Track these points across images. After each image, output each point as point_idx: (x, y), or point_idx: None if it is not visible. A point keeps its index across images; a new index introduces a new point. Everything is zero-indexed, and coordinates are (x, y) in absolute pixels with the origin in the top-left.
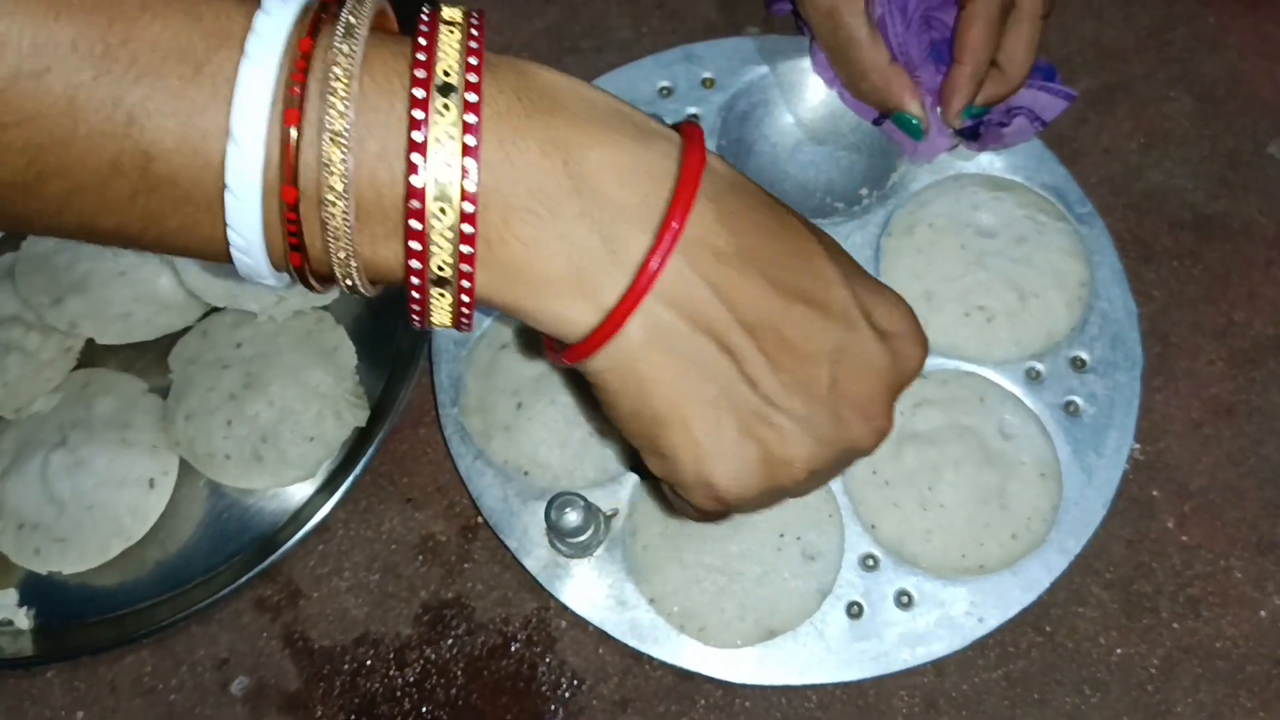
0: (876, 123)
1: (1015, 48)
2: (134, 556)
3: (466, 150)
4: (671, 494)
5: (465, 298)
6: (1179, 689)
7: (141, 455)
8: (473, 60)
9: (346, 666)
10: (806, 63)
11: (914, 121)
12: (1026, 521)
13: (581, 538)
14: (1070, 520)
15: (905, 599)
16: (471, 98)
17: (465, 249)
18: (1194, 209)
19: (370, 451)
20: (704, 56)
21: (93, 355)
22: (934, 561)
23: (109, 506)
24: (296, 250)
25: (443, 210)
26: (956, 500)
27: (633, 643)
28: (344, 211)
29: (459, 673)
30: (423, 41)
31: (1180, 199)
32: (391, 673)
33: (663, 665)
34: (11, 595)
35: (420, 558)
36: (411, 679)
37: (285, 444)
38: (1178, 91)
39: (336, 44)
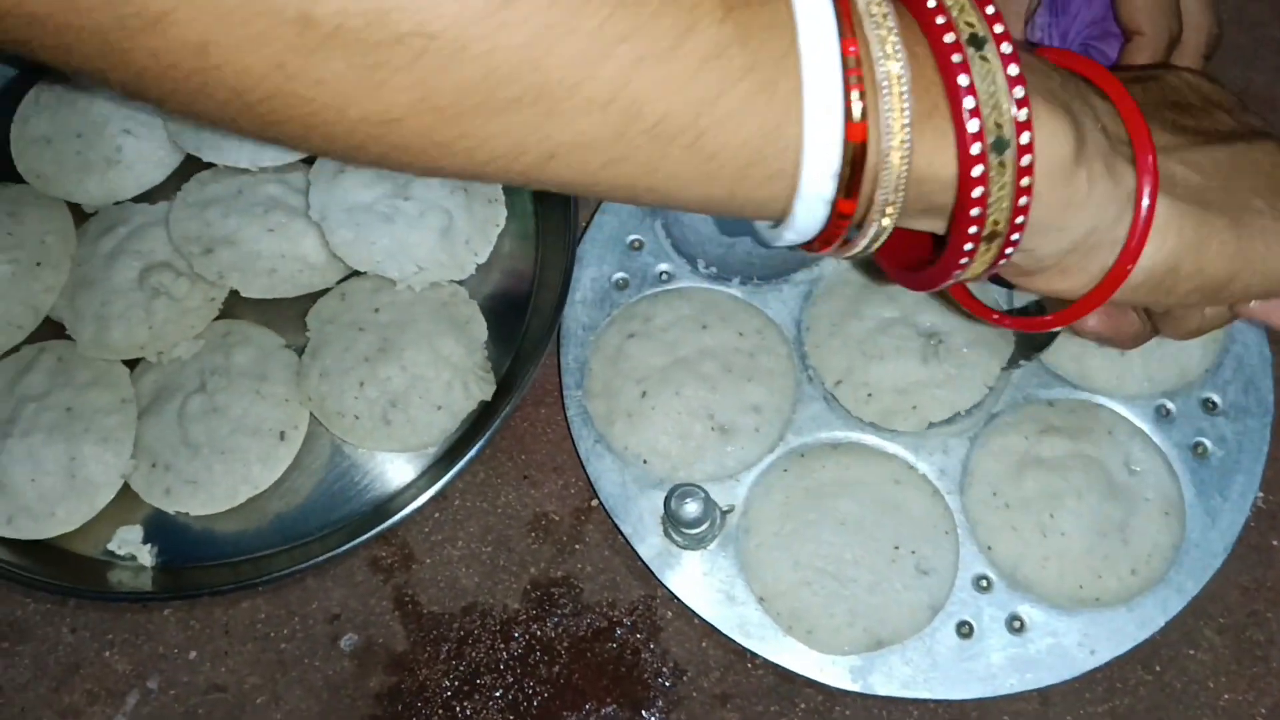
0: None
1: None
2: (257, 506)
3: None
4: None
5: (1025, 159)
6: None
7: (274, 407)
8: None
9: (453, 634)
10: None
11: None
12: (1147, 558)
13: (699, 529)
14: (1190, 561)
15: (1017, 623)
16: None
17: (1018, 91)
18: None
19: (495, 425)
20: None
21: (234, 307)
22: (1049, 589)
23: (241, 453)
24: (861, 120)
25: (984, 58)
26: (1077, 529)
27: (738, 639)
28: (900, 66)
29: (562, 651)
30: None
31: None
32: (497, 645)
33: (765, 664)
34: (137, 531)
35: (533, 534)
36: (516, 653)
37: (414, 410)
38: None
39: None
